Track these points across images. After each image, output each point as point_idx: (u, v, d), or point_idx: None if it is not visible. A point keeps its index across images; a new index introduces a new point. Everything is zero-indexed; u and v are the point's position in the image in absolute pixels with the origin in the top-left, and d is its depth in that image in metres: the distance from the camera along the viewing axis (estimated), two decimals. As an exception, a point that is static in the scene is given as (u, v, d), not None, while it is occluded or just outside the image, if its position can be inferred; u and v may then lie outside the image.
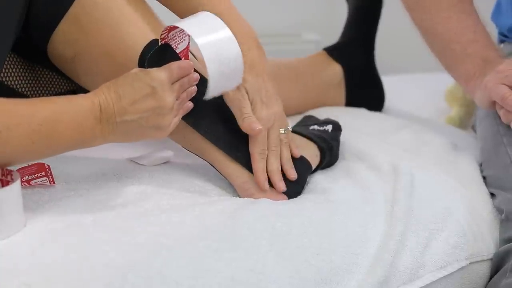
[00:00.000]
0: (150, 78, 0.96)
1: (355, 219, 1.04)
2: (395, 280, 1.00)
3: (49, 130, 0.91)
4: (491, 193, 1.18)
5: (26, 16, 1.08)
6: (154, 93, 0.95)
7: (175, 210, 1.01)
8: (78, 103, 0.94)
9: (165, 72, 0.97)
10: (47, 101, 0.95)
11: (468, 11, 1.27)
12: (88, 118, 0.94)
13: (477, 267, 1.08)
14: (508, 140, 1.20)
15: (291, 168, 1.11)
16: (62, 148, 0.95)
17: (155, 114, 0.96)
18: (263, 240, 0.97)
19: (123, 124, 0.95)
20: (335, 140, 1.23)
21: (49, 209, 1.00)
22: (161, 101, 0.96)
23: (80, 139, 0.95)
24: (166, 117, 0.97)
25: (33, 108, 0.92)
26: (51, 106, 0.93)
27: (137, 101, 0.95)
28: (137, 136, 0.99)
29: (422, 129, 1.40)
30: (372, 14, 1.56)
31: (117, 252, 0.91)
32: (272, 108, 1.10)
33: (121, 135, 0.97)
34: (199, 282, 0.90)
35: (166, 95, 0.96)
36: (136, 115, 0.95)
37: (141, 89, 0.95)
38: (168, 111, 0.97)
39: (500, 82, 1.17)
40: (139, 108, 0.95)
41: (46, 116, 0.91)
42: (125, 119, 0.95)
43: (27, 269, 0.87)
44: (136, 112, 0.95)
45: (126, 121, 0.95)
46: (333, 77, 1.53)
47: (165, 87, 0.96)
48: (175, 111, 0.99)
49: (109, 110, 0.94)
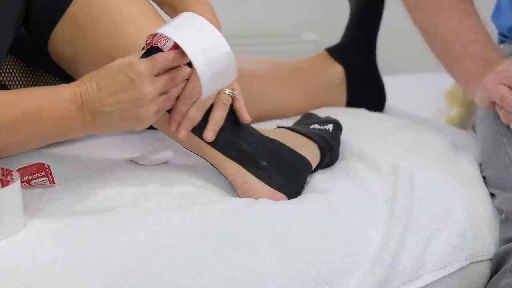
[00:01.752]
0: (130, 69, 0.95)
1: (355, 219, 1.04)
2: (395, 280, 1.00)
3: (33, 119, 0.93)
4: (491, 193, 1.18)
5: (26, 15, 1.08)
6: (133, 85, 0.95)
7: (175, 210, 1.01)
8: (61, 93, 0.95)
9: (146, 63, 0.96)
10: (30, 91, 0.96)
11: (468, 11, 1.27)
12: (70, 108, 0.94)
13: (477, 267, 1.08)
14: (508, 140, 1.20)
15: (212, 130, 1.08)
16: (46, 138, 0.96)
17: (133, 106, 0.96)
18: (263, 240, 0.97)
19: (103, 115, 0.96)
20: (336, 140, 1.23)
21: (49, 209, 1.00)
22: (140, 93, 0.95)
23: (63, 129, 0.96)
24: (145, 109, 0.97)
25: (17, 98, 0.93)
26: (34, 96, 0.94)
27: (116, 92, 0.95)
28: (118, 127, 0.99)
29: (422, 129, 1.40)
30: (374, 14, 1.56)
31: (117, 252, 0.91)
32: None
33: (102, 125, 0.97)
34: (199, 282, 0.90)
35: (145, 86, 0.95)
36: (114, 107, 0.95)
37: (120, 81, 0.95)
38: (146, 103, 0.96)
39: (500, 82, 1.17)
40: (117, 100, 0.95)
41: (30, 105, 0.93)
42: (104, 110, 0.95)
43: (27, 269, 0.87)
44: (114, 103, 0.95)
45: (105, 112, 0.96)
46: (335, 78, 1.53)
47: (145, 78, 0.96)
48: (158, 103, 0.98)
49: (90, 101, 0.95)
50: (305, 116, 1.36)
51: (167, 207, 1.03)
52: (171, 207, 1.03)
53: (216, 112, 1.08)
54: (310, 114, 1.37)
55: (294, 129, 1.21)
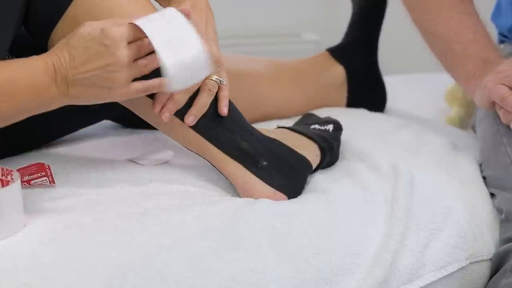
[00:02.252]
0: (104, 35, 0.95)
1: (355, 219, 1.04)
2: (395, 280, 1.00)
3: (9, 91, 0.93)
4: (491, 193, 1.18)
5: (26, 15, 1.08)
6: (106, 51, 0.95)
7: (175, 210, 1.01)
8: (33, 64, 0.95)
9: (120, 29, 0.96)
10: (3, 64, 0.96)
11: (468, 11, 1.27)
12: (43, 79, 0.95)
13: (477, 267, 1.08)
14: (508, 140, 1.20)
15: (193, 115, 1.08)
16: (23, 109, 0.96)
17: (106, 72, 0.95)
18: (263, 240, 0.97)
19: (77, 84, 0.95)
20: (336, 140, 1.23)
21: (49, 209, 1.00)
22: (113, 58, 0.95)
23: (39, 100, 0.95)
24: (118, 74, 0.96)
25: None
26: (8, 68, 0.94)
27: (89, 60, 0.95)
28: (92, 95, 0.98)
29: (422, 129, 1.40)
30: (376, 14, 1.56)
31: (117, 252, 0.91)
32: (210, 47, 1.07)
33: (76, 94, 0.96)
34: (199, 282, 0.90)
35: (118, 52, 0.95)
36: (87, 74, 0.95)
37: (93, 48, 0.95)
38: (120, 68, 0.95)
39: (500, 83, 1.17)
40: (91, 67, 0.95)
41: (5, 77, 0.93)
42: (78, 78, 0.95)
43: (27, 269, 0.87)
44: (87, 70, 0.95)
45: (79, 80, 0.95)
46: (336, 79, 1.53)
47: (118, 44, 0.95)
48: (131, 69, 0.97)
49: (63, 70, 0.95)
50: (306, 116, 1.36)
51: (167, 207, 1.03)
52: (171, 207, 1.03)
53: (200, 97, 1.08)
54: (310, 114, 1.37)
55: (294, 129, 1.21)
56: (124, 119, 1.36)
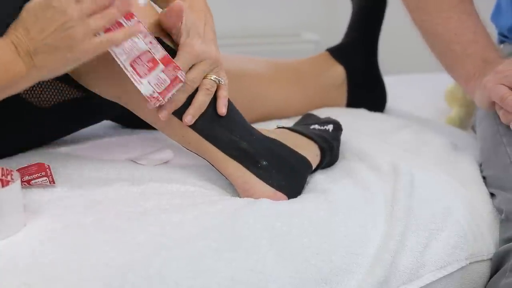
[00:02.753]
0: None
1: (355, 219, 1.04)
2: (395, 280, 1.00)
3: None
4: (491, 193, 1.18)
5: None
6: (56, 12, 0.95)
7: (175, 210, 1.01)
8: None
9: None
10: None
11: (468, 11, 1.27)
12: (8, 55, 0.95)
13: (477, 267, 1.08)
14: (508, 140, 1.20)
15: (191, 114, 1.08)
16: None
17: (63, 31, 0.95)
18: (263, 240, 0.97)
19: (40, 52, 0.96)
20: (336, 140, 1.23)
21: (49, 209, 1.00)
22: (64, 16, 0.95)
23: (10, 78, 0.96)
24: (74, 30, 0.96)
25: None
26: None
27: (43, 27, 0.95)
28: (58, 60, 0.98)
29: (422, 129, 1.40)
30: (376, 14, 1.56)
31: (117, 252, 0.91)
32: (209, 47, 1.08)
33: (42, 63, 0.96)
34: (198, 282, 0.90)
35: (68, 8, 0.95)
36: (47, 40, 0.95)
37: (44, 14, 0.95)
38: (74, 23, 0.96)
39: (499, 83, 1.17)
40: (47, 32, 0.95)
41: None
42: (38, 46, 0.96)
43: (27, 269, 0.87)
44: (45, 37, 0.95)
45: (40, 48, 0.96)
46: (336, 79, 1.53)
47: (65, 1, 0.96)
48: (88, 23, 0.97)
49: (23, 44, 0.95)
50: (305, 116, 1.36)
51: (167, 207, 1.03)
52: (171, 207, 1.03)
53: (198, 96, 1.08)
54: (310, 114, 1.37)
55: (294, 129, 1.22)
56: (124, 119, 1.36)
